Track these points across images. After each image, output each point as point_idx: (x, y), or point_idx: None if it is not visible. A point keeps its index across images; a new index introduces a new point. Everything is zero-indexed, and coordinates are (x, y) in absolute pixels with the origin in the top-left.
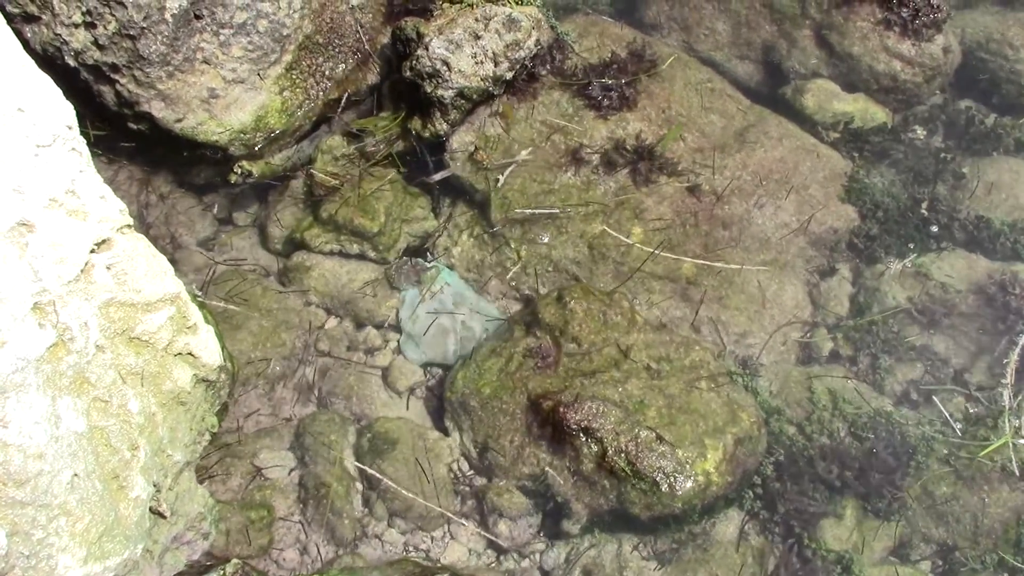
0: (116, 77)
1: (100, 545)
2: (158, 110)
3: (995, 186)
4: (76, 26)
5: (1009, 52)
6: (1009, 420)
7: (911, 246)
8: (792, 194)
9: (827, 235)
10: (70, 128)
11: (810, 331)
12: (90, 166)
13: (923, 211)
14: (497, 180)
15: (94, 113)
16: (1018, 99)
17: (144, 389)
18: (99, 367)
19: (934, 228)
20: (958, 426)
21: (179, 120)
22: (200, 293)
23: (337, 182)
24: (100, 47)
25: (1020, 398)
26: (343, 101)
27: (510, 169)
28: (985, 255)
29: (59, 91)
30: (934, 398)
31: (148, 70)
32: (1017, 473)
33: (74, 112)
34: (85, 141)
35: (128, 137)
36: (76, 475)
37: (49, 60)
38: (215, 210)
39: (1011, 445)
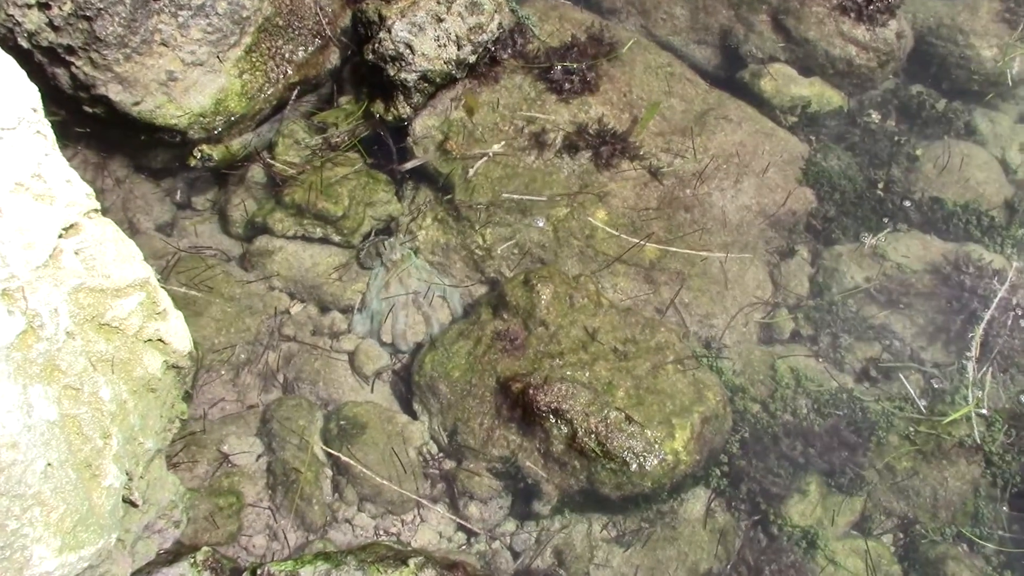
0: (71, 59)
1: (75, 535)
2: (115, 93)
3: (946, 169)
4: (29, 6)
5: (959, 38)
6: (972, 391)
7: (885, 220)
8: (752, 177)
9: (786, 217)
10: (35, 111)
11: (772, 312)
12: (55, 149)
13: (879, 193)
14: (467, 172)
15: (48, 97)
16: (967, 84)
17: (115, 376)
18: (69, 354)
19: (907, 203)
20: (923, 403)
21: (137, 103)
22: (160, 277)
23: (294, 171)
24: (55, 28)
25: (982, 371)
26: (304, 85)
27: (481, 162)
28: (939, 236)
29: (23, 73)
30: (900, 375)
31: (105, 52)
32: (978, 441)
33: (39, 94)
34: (50, 124)
35: (84, 122)
36: (50, 464)
37: (0, 42)
38: (178, 196)
39: (972, 415)
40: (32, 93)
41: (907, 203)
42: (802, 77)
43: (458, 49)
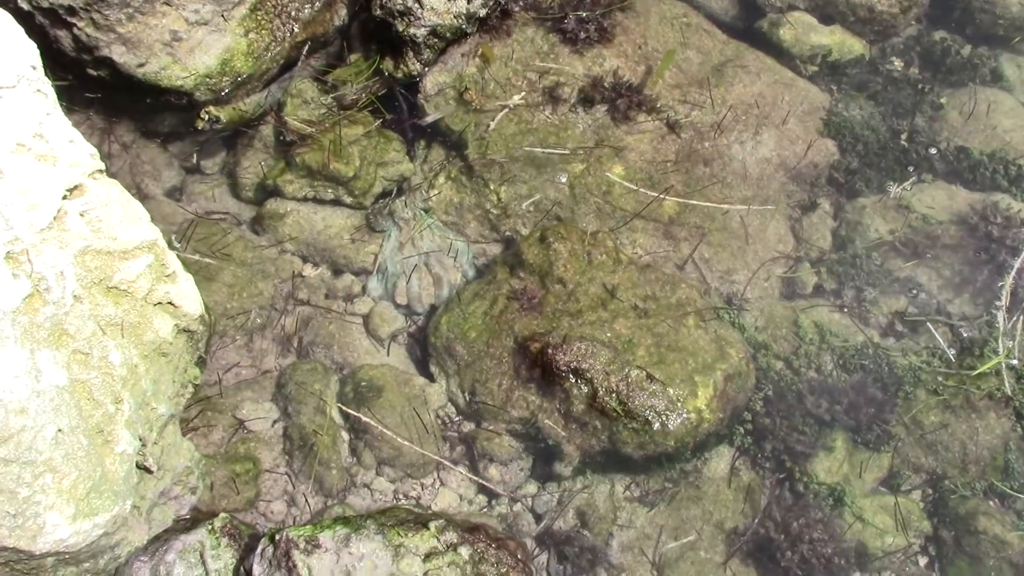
0: (73, 21)
1: (88, 502)
2: (119, 55)
3: (972, 116)
4: None
5: None
6: (1002, 342)
7: (911, 169)
8: (772, 129)
9: (807, 169)
10: (35, 68)
11: (794, 266)
12: (57, 108)
13: (903, 143)
14: (488, 125)
15: (52, 60)
16: (992, 29)
17: (125, 340)
18: (77, 318)
19: (932, 151)
20: (951, 352)
21: (141, 65)
22: (179, 246)
23: (312, 129)
24: None
25: (1013, 320)
26: (311, 43)
27: (502, 114)
28: (965, 186)
29: (21, 29)
30: (929, 326)
31: (107, 12)
32: (1009, 394)
33: (38, 51)
34: (55, 88)
35: (89, 86)
36: (60, 430)
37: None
38: (194, 159)
39: (1003, 367)
40: (31, 50)
41: (932, 151)
42: (822, 25)
43: (468, 2)
